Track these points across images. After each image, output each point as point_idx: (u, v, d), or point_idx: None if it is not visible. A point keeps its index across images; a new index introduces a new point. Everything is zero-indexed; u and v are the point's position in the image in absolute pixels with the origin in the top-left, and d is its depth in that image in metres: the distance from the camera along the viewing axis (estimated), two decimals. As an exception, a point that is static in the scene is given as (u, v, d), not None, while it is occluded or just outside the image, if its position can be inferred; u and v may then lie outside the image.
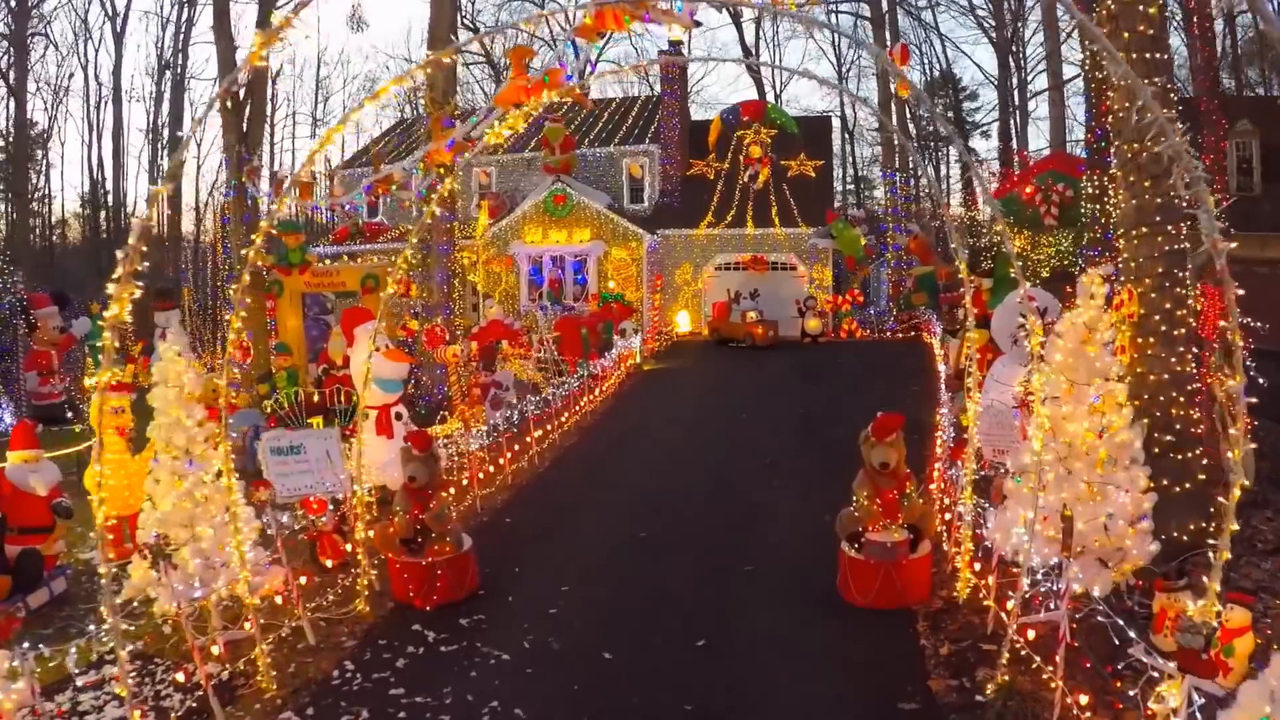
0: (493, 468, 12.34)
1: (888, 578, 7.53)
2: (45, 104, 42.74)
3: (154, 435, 7.70)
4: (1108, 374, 7.21)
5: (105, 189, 43.45)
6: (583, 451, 14.28)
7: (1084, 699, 5.47)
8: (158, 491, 7.59)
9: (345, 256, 27.57)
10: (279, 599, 7.83)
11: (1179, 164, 4.77)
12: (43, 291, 20.08)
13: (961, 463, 8.24)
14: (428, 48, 20.71)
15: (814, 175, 28.18)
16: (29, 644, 5.67)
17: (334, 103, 50.75)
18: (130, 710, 5.38)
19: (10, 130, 37.24)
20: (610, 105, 33.89)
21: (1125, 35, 7.95)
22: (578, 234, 27.63)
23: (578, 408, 16.36)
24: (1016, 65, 40.54)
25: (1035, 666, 6.07)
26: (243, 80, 15.96)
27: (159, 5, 65.32)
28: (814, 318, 24.90)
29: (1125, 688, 5.69)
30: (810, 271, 26.54)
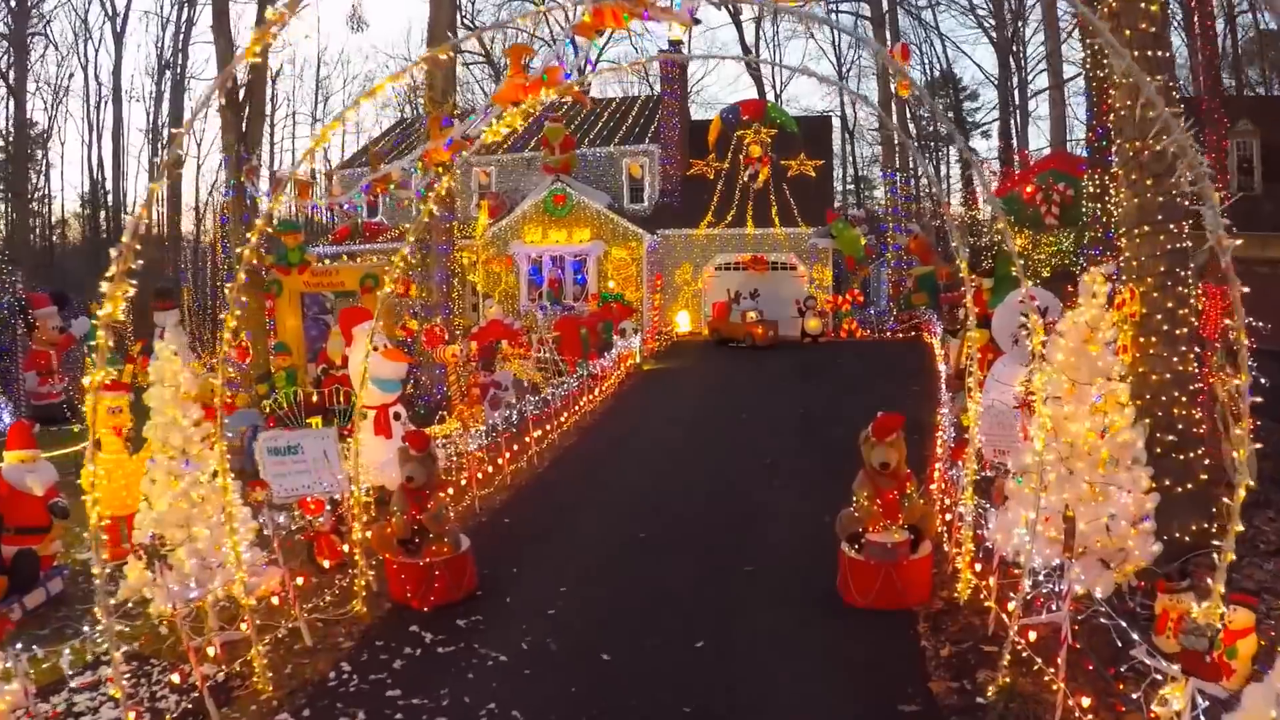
0: (491, 468, 12.30)
1: (888, 578, 7.50)
2: (45, 104, 42.80)
3: (150, 435, 7.68)
4: (1109, 374, 7.19)
5: (105, 189, 43.47)
6: (582, 452, 14.24)
7: (1086, 701, 5.43)
8: (154, 491, 7.58)
9: (344, 256, 27.53)
10: (276, 600, 7.79)
11: (1184, 159, 4.72)
12: (42, 291, 20.07)
13: (962, 463, 8.20)
14: (427, 47, 20.68)
15: (814, 175, 28.15)
16: (24, 645, 5.64)
17: (334, 103, 50.71)
18: (125, 712, 5.34)
19: (10, 130, 37.25)
20: (610, 105, 33.85)
21: (1127, 33, 7.91)
22: (577, 234, 27.59)
23: (577, 408, 16.32)
24: (1017, 65, 40.54)
25: (1037, 668, 6.03)
26: (241, 79, 16.05)
27: (159, 5, 65.34)
28: (814, 318, 24.86)
29: (1128, 690, 5.65)
30: (810, 271, 26.50)
